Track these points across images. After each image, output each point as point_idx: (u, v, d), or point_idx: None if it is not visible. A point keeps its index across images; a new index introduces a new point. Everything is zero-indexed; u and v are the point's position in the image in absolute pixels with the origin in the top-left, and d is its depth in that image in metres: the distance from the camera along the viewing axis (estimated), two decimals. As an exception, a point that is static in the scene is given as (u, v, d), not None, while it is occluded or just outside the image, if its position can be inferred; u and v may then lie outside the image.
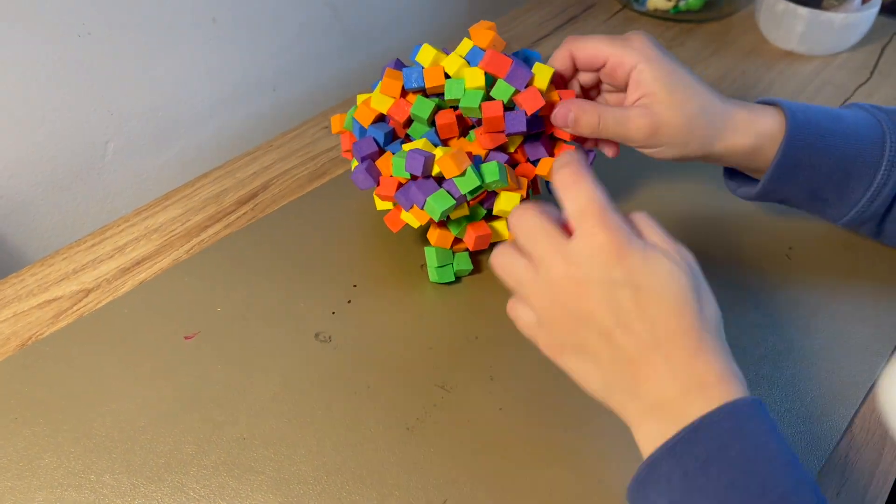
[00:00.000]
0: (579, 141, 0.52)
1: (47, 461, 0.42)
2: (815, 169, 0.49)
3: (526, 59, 0.52)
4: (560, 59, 0.50)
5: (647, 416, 0.36)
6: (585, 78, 0.52)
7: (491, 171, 0.48)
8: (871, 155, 0.48)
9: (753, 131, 0.48)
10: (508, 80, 0.48)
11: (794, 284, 0.54)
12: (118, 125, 0.65)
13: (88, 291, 0.53)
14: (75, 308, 0.52)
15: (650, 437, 0.36)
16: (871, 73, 0.79)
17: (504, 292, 0.53)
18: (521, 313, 0.40)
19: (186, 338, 0.49)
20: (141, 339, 0.49)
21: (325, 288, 0.53)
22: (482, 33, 0.51)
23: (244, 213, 0.60)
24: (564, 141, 0.53)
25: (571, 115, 0.48)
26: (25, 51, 0.56)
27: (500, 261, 0.40)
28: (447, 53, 0.51)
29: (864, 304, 0.52)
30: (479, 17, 0.95)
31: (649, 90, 0.47)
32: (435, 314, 0.51)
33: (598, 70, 0.50)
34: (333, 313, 0.51)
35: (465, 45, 0.51)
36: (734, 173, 0.54)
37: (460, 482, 0.42)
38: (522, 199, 0.51)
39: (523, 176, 0.52)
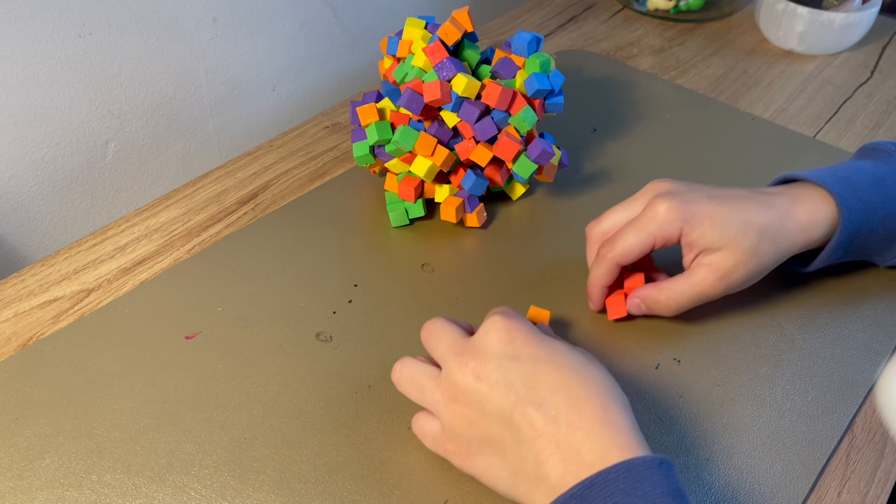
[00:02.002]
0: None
1: (48, 461, 0.42)
2: (865, 242, 0.49)
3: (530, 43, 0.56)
4: (605, 275, 0.48)
5: (552, 497, 0.34)
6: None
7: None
8: None
9: (816, 226, 0.47)
10: (436, 70, 0.53)
11: (794, 284, 0.54)
12: (118, 125, 0.65)
13: (89, 291, 0.53)
14: (76, 308, 0.52)
15: None
16: (872, 72, 0.79)
17: (503, 293, 0.53)
18: (426, 426, 0.41)
19: (187, 338, 0.49)
20: (142, 339, 0.49)
21: (326, 287, 0.53)
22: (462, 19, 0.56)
23: (245, 213, 0.60)
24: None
25: (643, 306, 0.49)
26: (25, 51, 0.56)
27: (403, 371, 0.41)
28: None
29: (864, 304, 0.52)
30: (479, 18, 0.95)
31: (704, 246, 0.46)
32: (435, 314, 0.51)
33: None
34: (334, 313, 0.51)
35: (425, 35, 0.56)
36: None
37: (461, 482, 0.42)
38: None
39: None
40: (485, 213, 0.58)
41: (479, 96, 0.54)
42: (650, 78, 0.76)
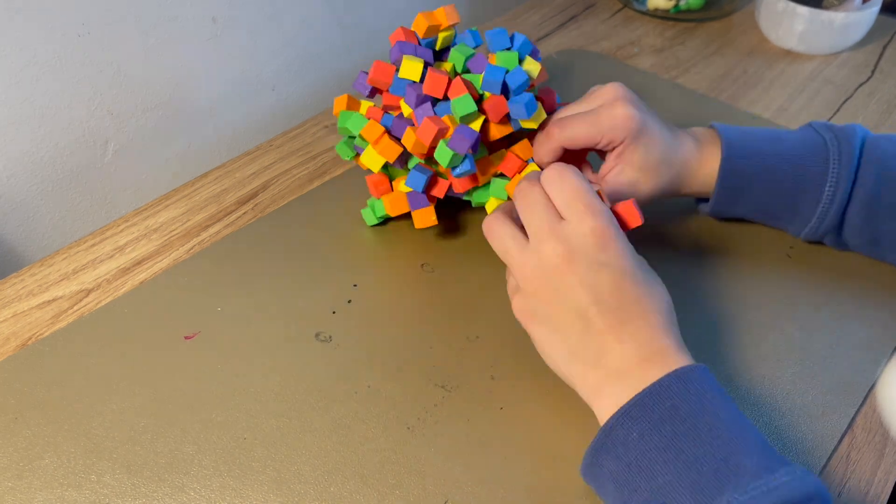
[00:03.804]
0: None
1: (47, 461, 0.42)
2: (758, 190, 0.52)
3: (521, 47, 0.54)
4: (549, 154, 0.52)
5: (607, 384, 0.39)
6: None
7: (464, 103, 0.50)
8: (814, 173, 0.50)
9: (704, 158, 0.52)
10: (392, 50, 0.52)
11: (794, 284, 0.54)
12: (118, 125, 0.65)
13: (88, 291, 0.53)
14: (75, 308, 0.51)
15: (609, 403, 0.39)
16: (872, 72, 0.78)
17: (502, 292, 0.53)
18: (509, 276, 0.46)
19: (186, 338, 0.49)
20: (141, 339, 0.49)
21: (326, 288, 0.53)
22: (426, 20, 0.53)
23: (244, 213, 0.60)
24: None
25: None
26: (25, 50, 0.56)
27: (493, 226, 0.44)
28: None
29: (864, 304, 0.52)
30: (479, 17, 0.95)
31: (629, 162, 0.50)
32: (435, 314, 0.51)
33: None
34: (334, 313, 0.51)
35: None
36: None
37: (461, 482, 0.42)
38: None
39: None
40: (433, 217, 0.54)
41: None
42: (650, 77, 0.76)
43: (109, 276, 0.54)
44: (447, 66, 0.53)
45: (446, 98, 0.51)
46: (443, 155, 0.51)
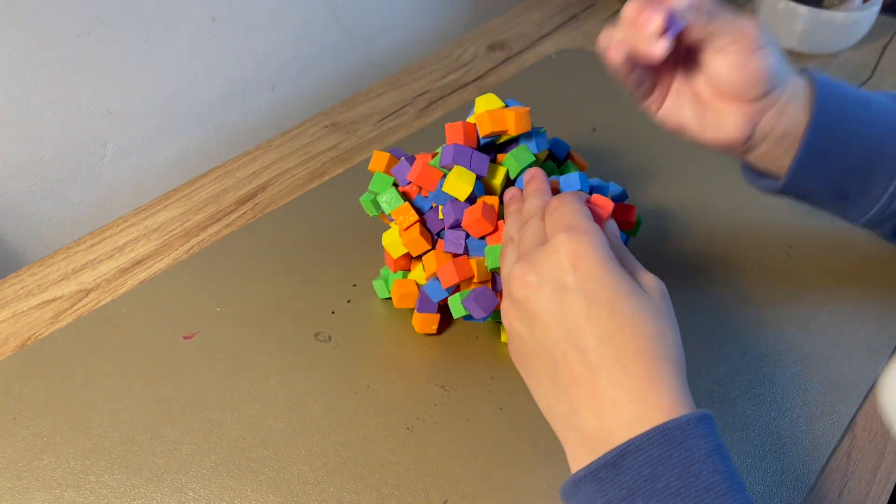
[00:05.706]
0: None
1: (46, 461, 0.42)
2: (841, 158, 0.45)
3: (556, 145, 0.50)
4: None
5: (583, 448, 0.33)
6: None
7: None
8: (892, 148, 0.45)
9: (796, 96, 0.45)
10: (444, 151, 0.46)
11: (794, 284, 0.54)
12: (118, 125, 0.65)
13: (88, 291, 0.53)
14: (74, 308, 0.51)
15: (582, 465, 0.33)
16: (873, 71, 0.78)
17: (504, 292, 0.53)
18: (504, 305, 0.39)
19: (186, 338, 0.49)
20: (140, 339, 0.49)
21: (325, 288, 0.53)
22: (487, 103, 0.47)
23: (244, 213, 0.59)
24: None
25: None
26: (25, 51, 0.56)
27: (503, 251, 0.41)
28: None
29: (864, 303, 0.52)
30: (480, 17, 0.95)
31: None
32: (435, 314, 0.51)
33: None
34: (333, 313, 0.51)
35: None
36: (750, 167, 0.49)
37: (460, 482, 0.42)
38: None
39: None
40: (434, 327, 0.49)
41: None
42: (650, 77, 0.76)
43: (109, 276, 0.54)
44: (500, 172, 0.47)
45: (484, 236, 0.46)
46: (456, 307, 0.47)
